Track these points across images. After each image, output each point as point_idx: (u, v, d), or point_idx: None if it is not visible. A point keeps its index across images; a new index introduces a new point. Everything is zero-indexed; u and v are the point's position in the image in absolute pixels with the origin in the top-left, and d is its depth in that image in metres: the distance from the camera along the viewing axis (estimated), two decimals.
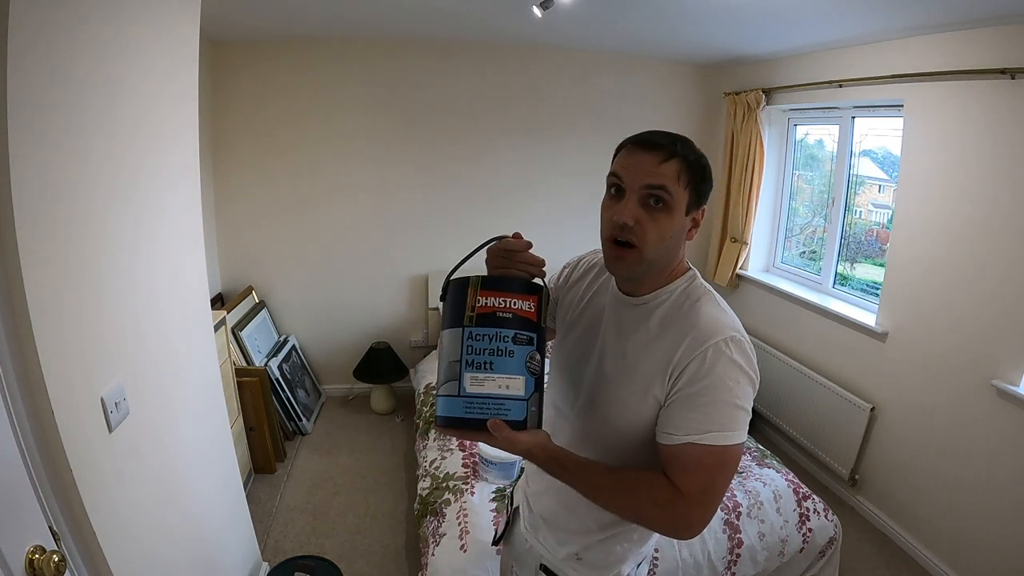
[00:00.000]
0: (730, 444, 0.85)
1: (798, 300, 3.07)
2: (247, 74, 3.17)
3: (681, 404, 0.87)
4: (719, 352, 0.85)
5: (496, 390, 0.76)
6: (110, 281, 1.22)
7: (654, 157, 0.89)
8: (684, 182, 0.90)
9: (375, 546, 2.35)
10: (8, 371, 0.93)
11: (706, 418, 0.84)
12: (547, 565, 1.09)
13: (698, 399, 0.85)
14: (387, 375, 3.41)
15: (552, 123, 3.51)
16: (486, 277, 0.84)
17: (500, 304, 0.79)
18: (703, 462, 0.85)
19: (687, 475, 0.86)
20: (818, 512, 2.05)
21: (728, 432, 0.84)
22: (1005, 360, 2.02)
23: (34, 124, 0.96)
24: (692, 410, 0.85)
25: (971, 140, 2.11)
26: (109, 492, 1.16)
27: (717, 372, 0.85)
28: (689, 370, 0.86)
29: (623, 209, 0.89)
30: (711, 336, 0.86)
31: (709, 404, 0.85)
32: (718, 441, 0.84)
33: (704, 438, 0.84)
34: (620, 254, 0.91)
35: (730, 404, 0.85)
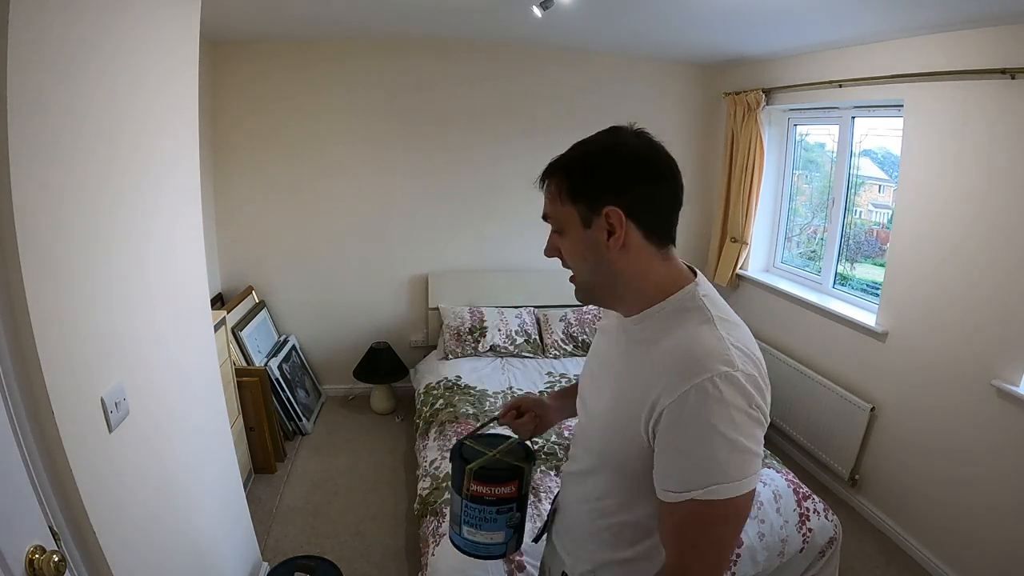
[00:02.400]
0: (731, 497, 0.72)
1: (798, 300, 3.07)
2: (247, 74, 3.17)
3: (669, 456, 0.76)
4: (704, 395, 0.72)
5: (484, 539, 1.06)
6: (110, 281, 1.22)
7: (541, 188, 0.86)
8: (565, 195, 0.82)
9: (375, 546, 2.35)
10: (8, 371, 0.93)
11: (703, 471, 0.72)
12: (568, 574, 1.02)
13: (690, 449, 0.73)
14: (387, 375, 3.41)
15: (552, 123, 3.50)
16: (478, 471, 1.03)
17: (487, 492, 1.02)
18: (702, 521, 0.74)
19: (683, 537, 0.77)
20: (818, 512, 2.04)
21: (732, 483, 0.72)
22: (1005, 360, 2.01)
23: (34, 124, 0.96)
24: (686, 462, 0.74)
25: (971, 140, 2.11)
26: (109, 492, 1.16)
27: (706, 418, 0.72)
28: (671, 415, 0.74)
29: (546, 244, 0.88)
30: (696, 374, 0.73)
31: (703, 453, 0.72)
32: (720, 494, 0.72)
33: (704, 493, 0.72)
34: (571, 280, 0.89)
35: (727, 451, 0.72)
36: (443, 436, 2.44)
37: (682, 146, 3.73)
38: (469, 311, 3.45)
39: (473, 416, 2.56)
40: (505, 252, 3.67)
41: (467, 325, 3.36)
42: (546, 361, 3.27)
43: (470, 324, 3.36)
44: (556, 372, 3.11)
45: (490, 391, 2.85)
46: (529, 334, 3.38)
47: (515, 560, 1.73)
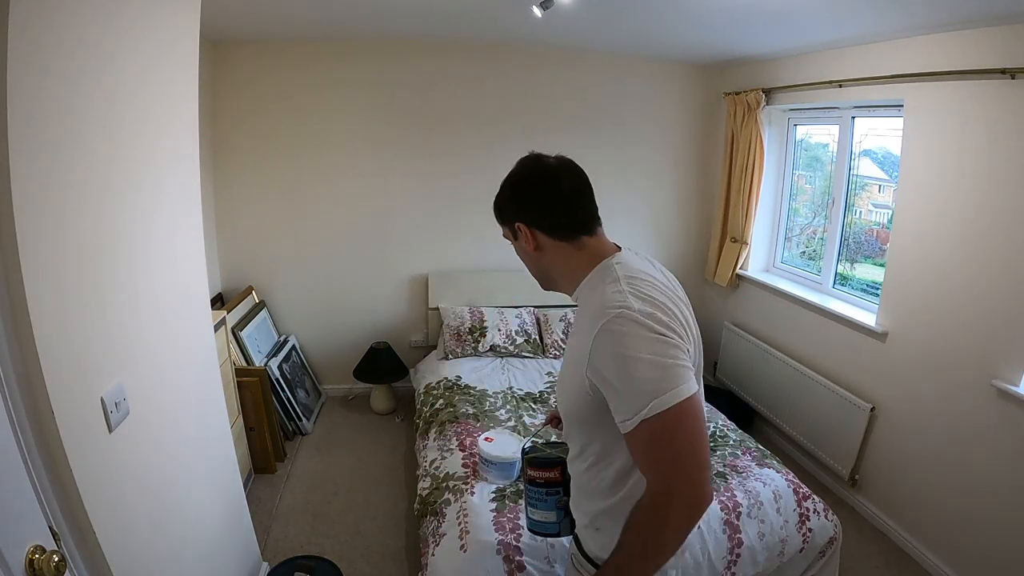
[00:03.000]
0: (670, 406, 0.85)
1: (798, 300, 3.07)
2: (247, 74, 3.17)
3: (612, 397, 0.91)
4: (608, 333, 0.89)
5: (540, 518, 1.32)
6: (110, 281, 1.22)
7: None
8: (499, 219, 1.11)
9: (375, 546, 2.35)
10: (8, 371, 0.93)
11: (640, 393, 0.86)
12: (577, 533, 1.17)
13: (618, 386, 0.89)
14: (387, 375, 3.41)
15: (552, 123, 3.51)
16: (530, 458, 1.32)
17: (537, 475, 1.30)
18: (660, 435, 0.87)
19: (652, 454, 0.90)
20: (818, 512, 2.04)
21: (666, 394, 0.86)
22: (1005, 360, 2.01)
23: (34, 124, 0.96)
24: (621, 397, 0.89)
25: (971, 140, 2.11)
26: (109, 492, 1.16)
27: (614, 352, 0.88)
28: (595, 359, 0.91)
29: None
30: (599, 320, 0.91)
31: (632, 381, 0.87)
32: (662, 406, 0.85)
33: (649, 411, 0.86)
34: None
35: (642, 371, 0.87)
36: (443, 436, 2.44)
37: (682, 146, 3.74)
38: (469, 311, 3.45)
39: (473, 416, 2.56)
40: (505, 252, 3.61)
41: (467, 325, 3.36)
42: (546, 361, 3.27)
43: (470, 324, 3.36)
44: (556, 372, 3.11)
45: (490, 391, 2.85)
46: (529, 334, 3.38)
47: (515, 560, 1.73)
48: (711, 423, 2.51)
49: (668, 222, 3.86)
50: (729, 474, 2.13)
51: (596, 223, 1.08)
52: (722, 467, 2.18)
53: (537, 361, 3.27)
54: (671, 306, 0.96)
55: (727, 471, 2.15)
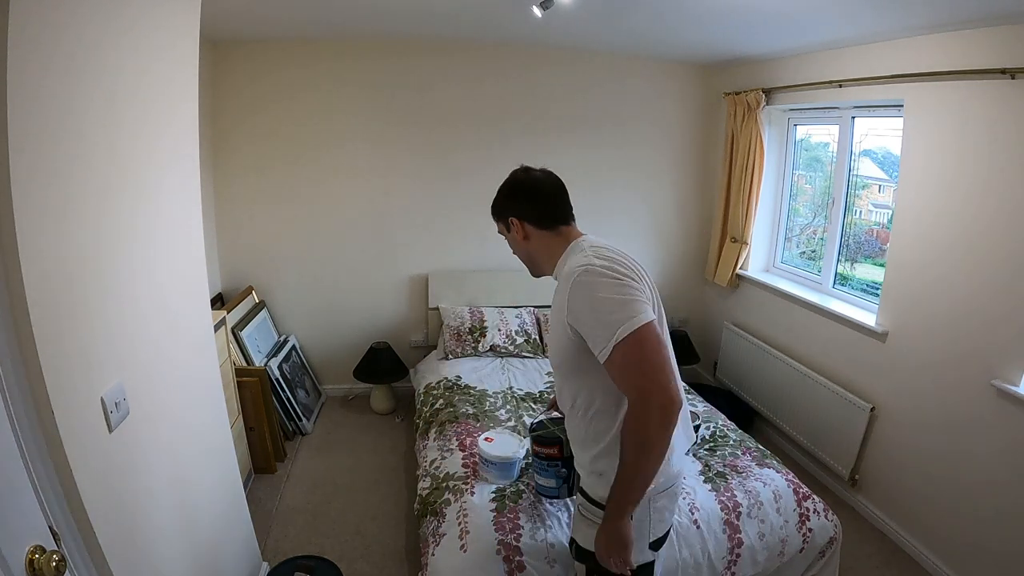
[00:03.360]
0: (632, 331, 1.10)
1: (798, 300, 3.07)
2: (247, 74, 3.17)
3: (588, 333, 1.16)
4: (577, 285, 1.17)
5: (544, 483, 1.77)
6: (110, 281, 1.22)
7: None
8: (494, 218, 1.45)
9: (375, 546, 2.35)
10: (8, 371, 0.93)
11: (608, 325, 1.12)
12: (582, 486, 1.37)
13: (591, 322, 1.15)
14: (387, 375, 3.41)
15: (552, 123, 3.51)
16: (534, 436, 1.76)
17: (540, 451, 1.73)
18: (629, 354, 1.11)
19: (627, 371, 1.13)
20: (818, 512, 2.04)
21: (621, 324, 1.11)
22: (1005, 360, 2.01)
23: (34, 124, 0.96)
24: (594, 330, 1.15)
25: (971, 140, 2.11)
26: (109, 492, 1.16)
27: (585, 297, 1.16)
28: (572, 309, 1.18)
29: None
30: (570, 279, 1.19)
31: (598, 319, 1.14)
32: (627, 332, 1.10)
33: (613, 339, 1.11)
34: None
35: (603, 307, 1.13)
36: (443, 436, 2.44)
37: (682, 146, 3.74)
38: (469, 311, 3.45)
39: (473, 416, 2.56)
40: (505, 252, 3.58)
41: (467, 325, 3.36)
42: (546, 361, 3.27)
43: (470, 324, 3.36)
44: None
45: (490, 391, 2.85)
46: (529, 334, 3.38)
47: (515, 560, 1.74)
48: (711, 423, 2.52)
49: (668, 222, 3.86)
50: (729, 474, 2.13)
51: (571, 217, 1.39)
52: (722, 467, 2.18)
53: (537, 361, 3.27)
54: (628, 263, 1.24)
55: (727, 471, 2.15)
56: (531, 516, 1.87)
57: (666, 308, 4.00)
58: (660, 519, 1.33)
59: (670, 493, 1.35)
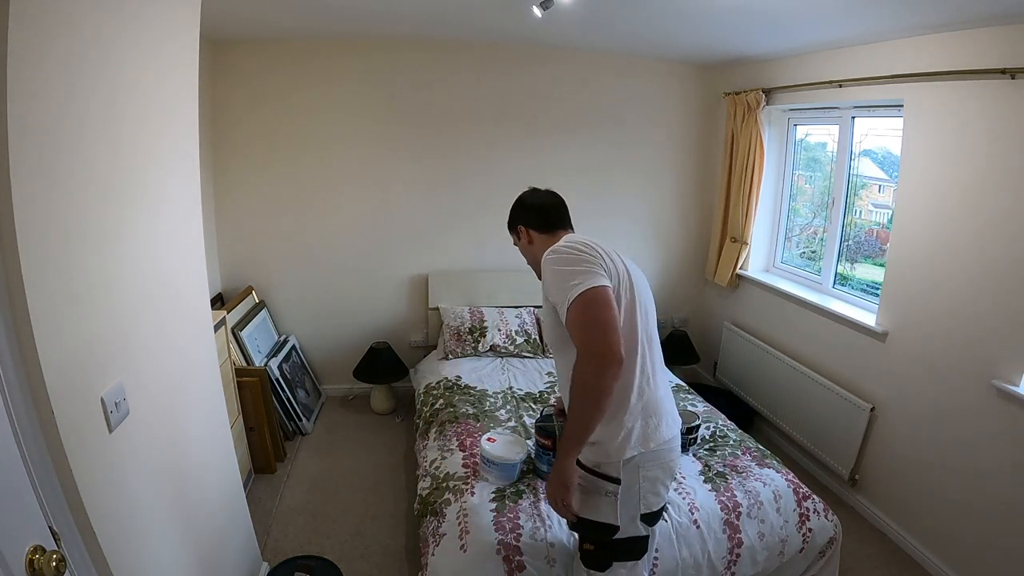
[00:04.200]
0: (581, 292, 1.28)
1: (798, 300, 3.07)
2: (247, 74, 3.17)
3: (555, 300, 1.35)
4: (545, 263, 1.40)
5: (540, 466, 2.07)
6: (110, 281, 1.22)
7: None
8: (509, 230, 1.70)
9: (375, 546, 2.35)
10: (8, 371, 0.93)
11: (562, 291, 1.31)
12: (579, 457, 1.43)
13: (553, 290, 1.36)
14: (387, 375, 3.41)
15: (552, 123, 3.51)
16: (538, 427, 2.07)
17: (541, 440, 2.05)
18: (578, 312, 1.29)
19: (575, 326, 1.29)
20: (818, 512, 2.04)
21: (573, 287, 1.29)
22: (1005, 360, 2.01)
23: (34, 124, 0.96)
24: (557, 296, 1.34)
25: (971, 140, 2.11)
26: (109, 492, 1.16)
27: (547, 270, 1.39)
28: (544, 283, 1.41)
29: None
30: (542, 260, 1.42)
31: (557, 286, 1.34)
32: (574, 295, 1.28)
33: (567, 300, 1.29)
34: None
35: (562, 276, 1.33)
36: (443, 436, 2.44)
37: (682, 146, 3.74)
38: (469, 311, 3.45)
39: (473, 416, 2.56)
40: (505, 252, 3.65)
41: (467, 325, 3.36)
42: (546, 361, 3.27)
43: (470, 324, 3.36)
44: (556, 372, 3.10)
45: (490, 391, 2.85)
46: (529, 334, 3.38)
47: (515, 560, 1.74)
48: (711, 423, 2.52)
49: (668, 222, 3.86)
50: (729, 474, 2.13)
51: (568, 224, 1.63)
52: (722, 467, 2.18)
53: (537, 361, 3.27)
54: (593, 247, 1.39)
55: (727, 471, 2.15)
56: (531, 516, 1.87)
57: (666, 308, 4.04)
58: (653, 491, 1.42)
59: (663, 464, 1.43)
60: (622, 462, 1.37)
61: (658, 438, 1.40)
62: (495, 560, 1.73)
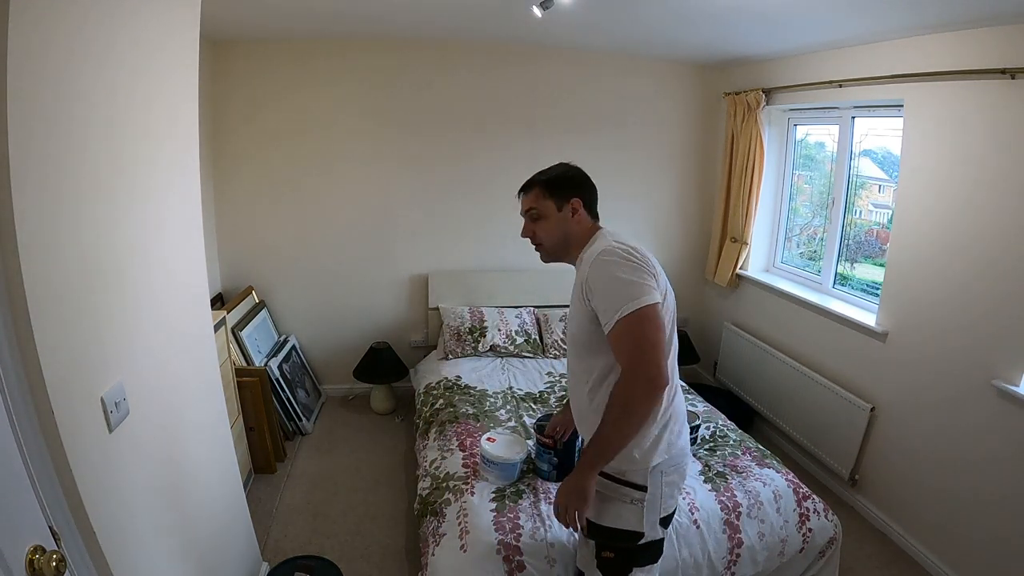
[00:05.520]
0: (637, 308, 1.22)
1: (798, 300, 3.07)
2: (247, 74, 3.17)
3: (599, 304, 1.29)
4: (597, 264, 1.30)
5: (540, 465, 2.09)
6: (110, 281, 1.22)
7: (522, 195, 1.51)
8: (544, 195, 1.45)
9: (375, 546, 2.35)
10: (8, 371, 0.93)
11: (617, 299, 1.24)
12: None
13: (604, 295, 1.27)
14: (387, 375, 3.41)
15: (552, 123, 3.51)
16: (538, 427, 2.09)
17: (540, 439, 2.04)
18: (630, 328, 1.23)
19: (624, 343, 1.24)
20: (818, 512, 2.04)
21: (630, 301, 1.23)
22: (1005, 360, 2.01)
23: (34, 124, 0.96)
24: (605, 303, 1.27)
25: (971, 140, 2.11)
26: (109, 492, 1.16)
27: (602, 275, 1.29)
28: (591, 284, 1.31)
29: (522, 229, 1.52)
30: (592, 257, 1.33)
31: (611, 292, 1.26)
32: (632, 308, 1.22)
33: (622, 312, 1.22)
34: (537, 250, 1.52)
35: (619, 284, 1.25)
36: (443, 436, 2.44)
37: (682, 146, 3.74)
38: (469, 311, 3.45)
39: (473, 416, 2.56)
40: (505, 252, 3.67)
41: (467, 325, 3.36)
42: (546, 361, 3.27)
43: (470, 324, 3.36)
44: (556, 372, 3.11)
45: (490, 391, 2.85)
46: (529, 334, 3.38)
47: (515, 560, 1.74)
48: (711, 423, 2.52)
49: (668, 222, 3.86)
50: (729, 474, 2.13)
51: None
52: (722, 467, 2.18)
53: (537, 361, 3.27)
54: (645, 254, 1.35)
55: (727, 471, 2.15)
56: (531, 516, 1.87)
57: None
58: (671, 494, 1.42)
59: (679, 469, 1.43)
60: (649, 469, 1.35)
61: (679, 444, 1.40)
62: (495, 560, 1.73)
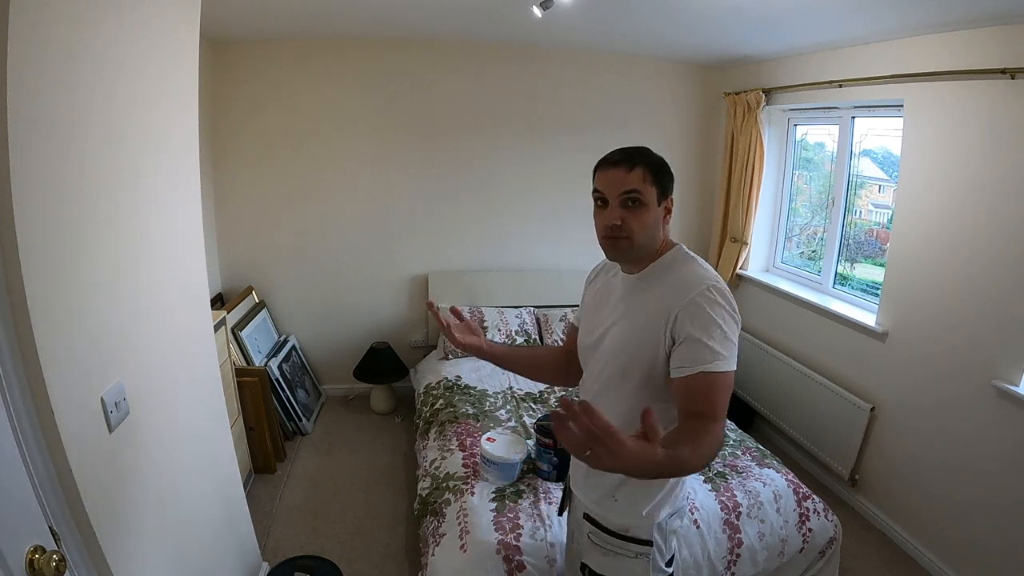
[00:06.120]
0: (729, 370, 1.06)
1: (798, 300, 3.07)
2: (247, 74, 3.17)
3: (687, 344, 1.07)
4: (705, 298, 1.08)
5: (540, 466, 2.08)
6: (110, 281, 1.22)
7: (621, 169, 1.14)
8: (650, 181, 1.14)
9: (375, 546, 2.35)
10: (8, 371, 0.93)
11: (709, 351, 1.05)
12: (588, 513, 1.28)
13: (700, 337, 1.06)
14: (387, 375, 3.41)
15: (552, 123, 3.51)
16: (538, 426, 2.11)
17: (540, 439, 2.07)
18: (716, 385, 1.05)
19: (699, 400, 1.05)
20: (818, 512, 2.04)
21: (725, 360, 1.06)
22: (1005, 360, 2.01)
23: (34, 124, 0.96)
24: (696, 347, 1.06)
25: (971, 140, 2.11)
26: (109, 492, 1.16)
27: (708, 313, 1.07)
28: (684, 314, 1.08)
29: (610, 214, 1.15)
30: (696, 287, 1.10)
31: (709, 340, 1.06)
32: (720, 367, 1.05)
33: (711, 366, 1.04)
34: (615, 244, 1.16)
35: (723, 340, 1.06)
36: (443, 436, 2.44)
37: (682, 146, 3.74)
38: (469, 311, 3.45)
39: (473, 416, 2.56)
40: (505, 252, 3.67)
41: None
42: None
43: None
44: None
45: (490, 391, 2.85)
46: (529, 334, 3.38)
47: (515, 560, 1.74)
48: None
49: None
50: (729, 474, 2.13)
51: None
52: (722, 467, 2.18)
53: None
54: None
55: (727, 471, 2.15)
56: (531, 516, 1.87)
57: None
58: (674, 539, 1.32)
59: (681, 513, 1.33)
60: (654, 524, 1.25)
61: (683, 494, 1.30)
62: (495, 560, 1.74)
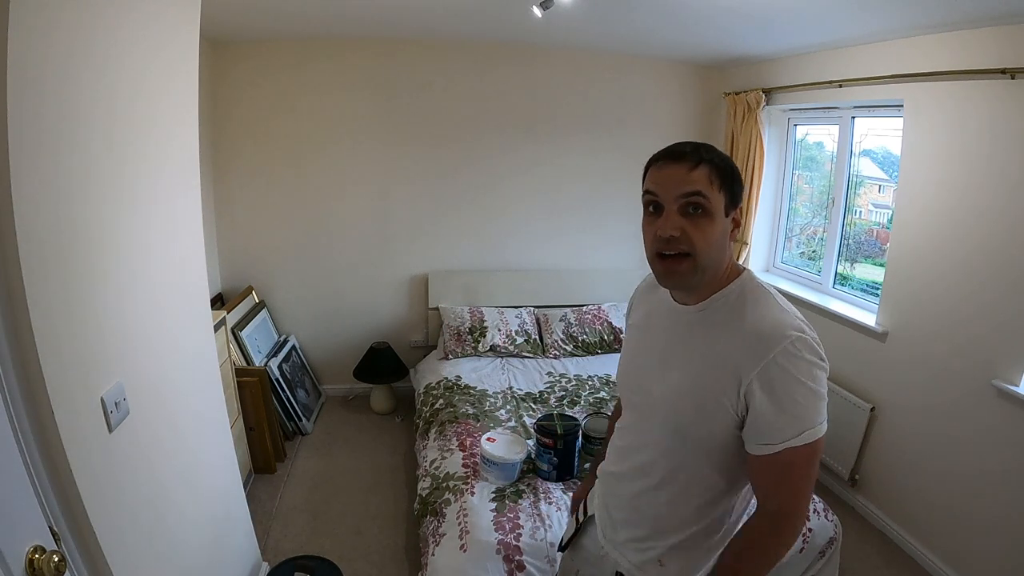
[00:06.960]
0: (818, 437, 0.87)
1: (798, 300, 3.07)
2: (247, 74, 3.17)
3: (769, 414, 0.87)
4: (789, 356, 0.86)
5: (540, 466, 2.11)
6: (110, 281, 1.22)
7: (683, 166, 0.89)
8: (717, 185, 0.90)
9: (375, 546, 2.35)
10: (8, 371, 0.93)
11: (796, 420, 0.86)
12: (624, 574, 1.09)
13: (784, 406, 0.86)
14: (387, 375, 3.41)
15: (552, 123, 3.51)
16: (538, 426, 2.13)
17: (541, 439, 2.08)
18: (798, 462, 0.88)
19: (783, 480, 0.90)
20: (818, 512, 2.04)
21: (817, 426, 0.87)
22: (1005, 360, 2.01)
23: (34, 124, 0.96)
24: (781, 417, 0.86)
25: (971, 140, 2.11)
26: (109, 492, 1.16)
27: (793, 375, 0.85)
28: (762, 379, 0.86)
29: (665, 222, 0.90)
30: (776, 342, 0.86)
31: (795, 407, 0.86)
32: (810, 438, 0.86)
33: (798, 440, 0.86)
34: (672, 267, 0.92)
35: (812, 400, 0.87)
36: (443, 436, 2.44)
37: None
38: (469, 311, 3.45)
39: (473, 416, 2.56)
40: (505, 252, 3.67)
41: (467, 325, 3.36)
42: (546, 361, 3.27)
43: (470, 324, 3.36)
44: (556, 372, 3.11)
45: (490, 391, 2.85)
46: (529, 334, 3.38)
47: (515, 560, 1.74)
48: None
49: None
50: None
51: None
52: None
53: (537, 361, 3.27)
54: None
55: None
56: (531, 516, 1.87)
57: None
58: None
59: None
60: None
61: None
62: (495, 560, 1.74)
